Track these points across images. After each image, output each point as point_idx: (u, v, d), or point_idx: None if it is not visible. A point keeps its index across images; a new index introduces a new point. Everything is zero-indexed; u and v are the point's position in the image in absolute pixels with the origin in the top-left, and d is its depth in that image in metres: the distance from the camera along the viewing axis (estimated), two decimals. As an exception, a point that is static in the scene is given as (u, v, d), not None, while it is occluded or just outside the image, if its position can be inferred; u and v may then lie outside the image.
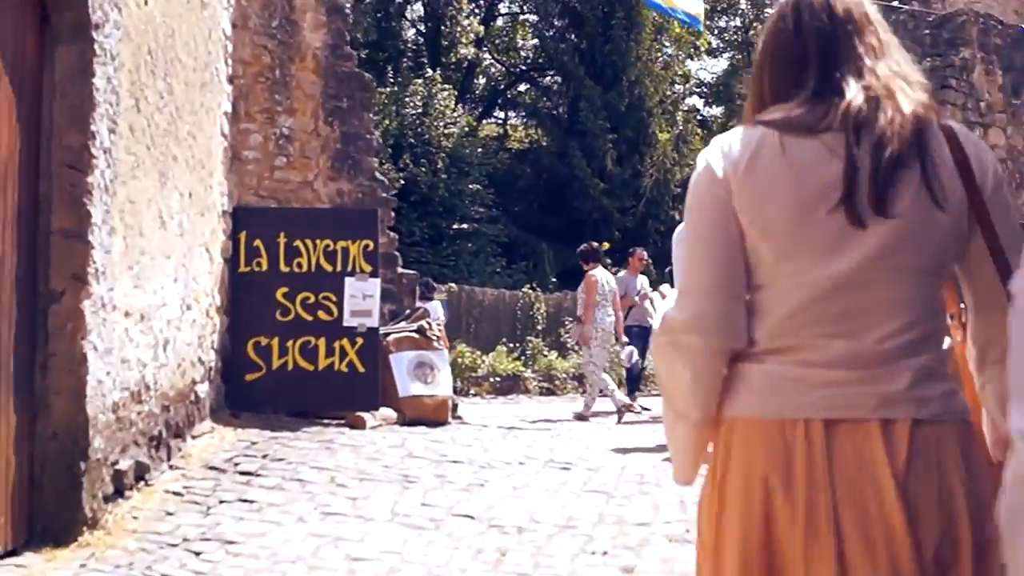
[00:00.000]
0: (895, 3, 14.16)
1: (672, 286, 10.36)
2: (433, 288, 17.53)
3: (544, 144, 35.34)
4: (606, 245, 30.01)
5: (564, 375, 20.14)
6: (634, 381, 14.38)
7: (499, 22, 41.27)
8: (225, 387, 7.95)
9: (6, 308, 4.42)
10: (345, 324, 8.24)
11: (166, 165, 6.00)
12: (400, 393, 8.47)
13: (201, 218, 7.04)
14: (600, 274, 13.08)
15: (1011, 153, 13.83)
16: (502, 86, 40.58)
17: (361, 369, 8.19)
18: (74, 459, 4.66)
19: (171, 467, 6.01)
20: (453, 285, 21.22)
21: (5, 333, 4.41)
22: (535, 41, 38.89)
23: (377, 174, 9.43)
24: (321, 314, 8.23)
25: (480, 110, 38.53)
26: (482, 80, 41.36)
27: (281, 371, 8.09)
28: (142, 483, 5.45)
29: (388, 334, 8.76)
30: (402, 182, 25.20)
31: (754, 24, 49.41)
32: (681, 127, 34.25)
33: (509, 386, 19.68)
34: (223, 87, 7.80)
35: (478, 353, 19.55)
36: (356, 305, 8.25)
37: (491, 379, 19.35)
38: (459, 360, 18.84)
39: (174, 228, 6.20)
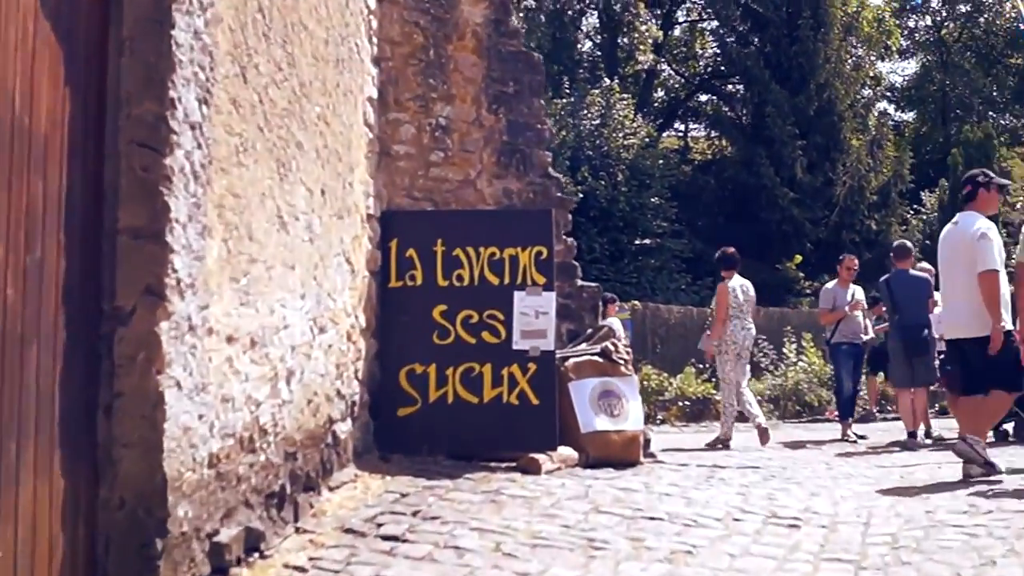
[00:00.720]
0: None
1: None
2: (614, 302, 16.15)
3: (728, 154, 33.75)
4: (799, 258, 28.51)
5: (759, 397, 18.50)
6: (847, 404, 12.91)
7: (676, 32, 39.92)
8: (374, 424, 6.72)
9: (50, 332, 3.26)
10: (515, 347, 6.92)
11: (287, 154, 4.81)
12: (582, 428, 7.08)
13: (339, 221, 5.84)
14: (735, 283, 12.36)
15: None
16: (682, 96, 39.12)
17: (535, 401, 6.87)
18: (148, 534, 3.47)
19: (298, 530, 4.81)
20: (637, 303, 19.86)
21: (48, 366, 3.26)
22: (715, 48, 37.36)
23: (551, 170, 8.15)
24: (486, 336, 6.94)
25: (660, 122, 37.14)
26: (660, 92, 40.01)
27: (440, 404, 6.83)
28: (256, 555, 4.25)
29: (566, 358, 7.40)
30: (580, 196, 24.02)
31: (946, 23, 46.70)
32: (874, 132, 32.06)
33: (699, 411, 18.21)
34: (366, 67, 6.62)
35: (665, 375, 18.19)
36: (528, 324, 6.95)
37: (679, 403, 17.93)
38: (645, 383, 17.49)
39: (300, 231, 5.01)
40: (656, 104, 39.00)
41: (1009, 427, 11.89)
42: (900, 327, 11.44)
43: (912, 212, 31.62)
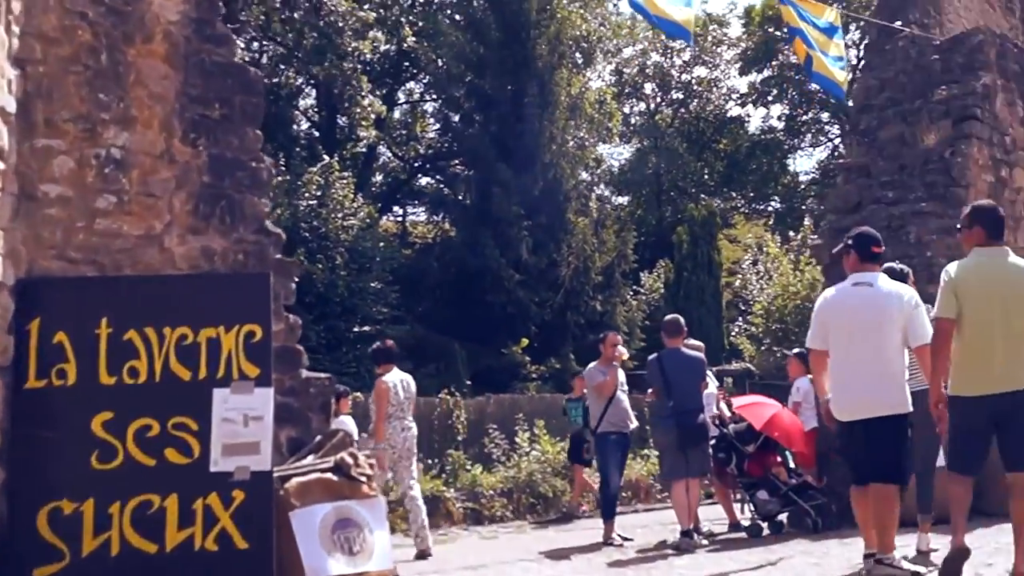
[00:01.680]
0: (897, 25, 11.76)
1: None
2: (347, 395, 14.37)
3: (452, 236, 32.58)
4: (525, 341, 27.41)
5: (491, 492, 17.09)
6: (611, 503, 11.62)
7: (397, 113, 38.71)
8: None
9: None
10: (214, 469, 4.91)
11: None
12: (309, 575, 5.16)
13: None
14: (394, 378, 11.72)
15: (1036, 198, 11.44)
16: (403, 178, 37.83)
17: (242, 544, 4.89)
18: None
19: None
20: (359, 395, 18.02)
21: None
22: (437, 129, 36.40)
23: (268, 223, 6.27)
24: (172, 454, 4.92)
25: (379, 205, 35.64)
26: (380, 176, 38.61)
27: (99, 558, 4.73)
28: None
29: (288, 477, 5.43)
30: (296, 280, 22.02)
31: (660, 109, 47.85)
32: (596, 213, 31.68)
33: (430, 510, 16.46)
34: (-8, 70, 4.60)
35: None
36: (233, 435, 4.99)
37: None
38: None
39: None
40: (375, 187, 37.54)
41: (784, 517, 11.40)
42: (674, 412, 10.38)
43: (632, 292, 31.32)
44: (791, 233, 31.89)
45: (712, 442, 11.28)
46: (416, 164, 37.29)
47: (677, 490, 10.53)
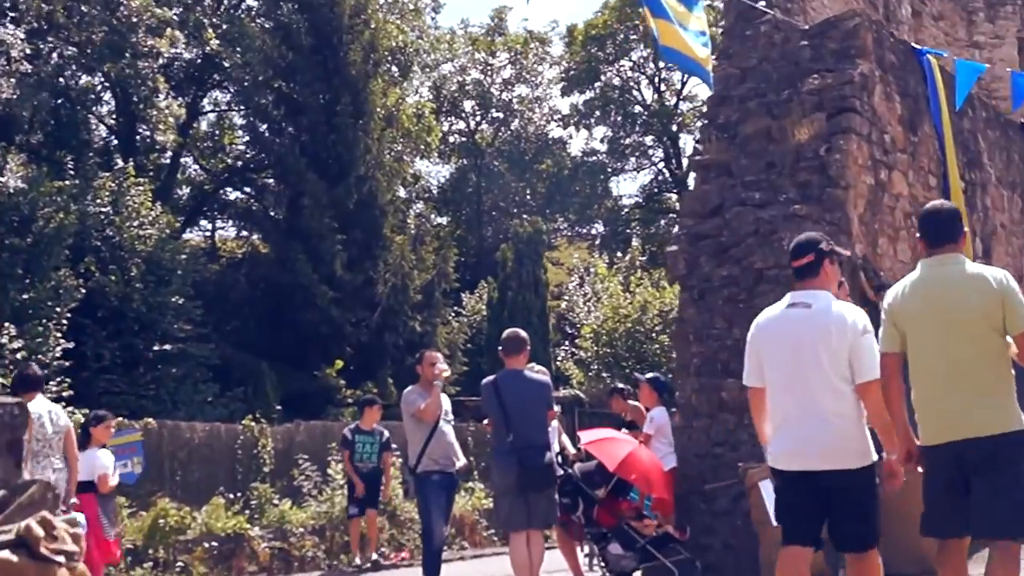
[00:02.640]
0: (760, 5, 10.63)
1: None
2: (102, 421, 11.39)
3: (261, 250, 30.67)
4: (340, 363, 25.72)
5: (301, 529, 15.48)
6: (435, 556, 9.62)
7: (204, 125, 36.54)
8: None
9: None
10: None
11: None
12: None
13: None
14: (41, 408, 8.66)
15: (914, 204, 10.43)
16: (208, 191, 35.59)
17: None
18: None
19: None
20: (152, 420, 16.15)
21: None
22: (245, 138, 34.38)
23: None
24: None
25: (183, 219, 33.36)
26: (186, 189, 36.31)
27: None
28: None
29: None
30: (83, 292, 19.97)
31: (479, 128, 46.83)
32: (415, 230, 30.31)
33: (231, 550, 14.77)
34: None
35: (187, 509, 14.67)
36: None
37: (206, 543, 14.43)
38: (162, 520, 13.95)
39: None
40: (181, 200, 35.23)
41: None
42: (513, 449, 8.66)
43: (454, 314, 30.03)
44: (619, 254, 31.29)
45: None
46: (224, 176, 35.13)
47: (516, 544, 8.75)
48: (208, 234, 37.85)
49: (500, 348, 9.25)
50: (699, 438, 9.90)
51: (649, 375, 11.15)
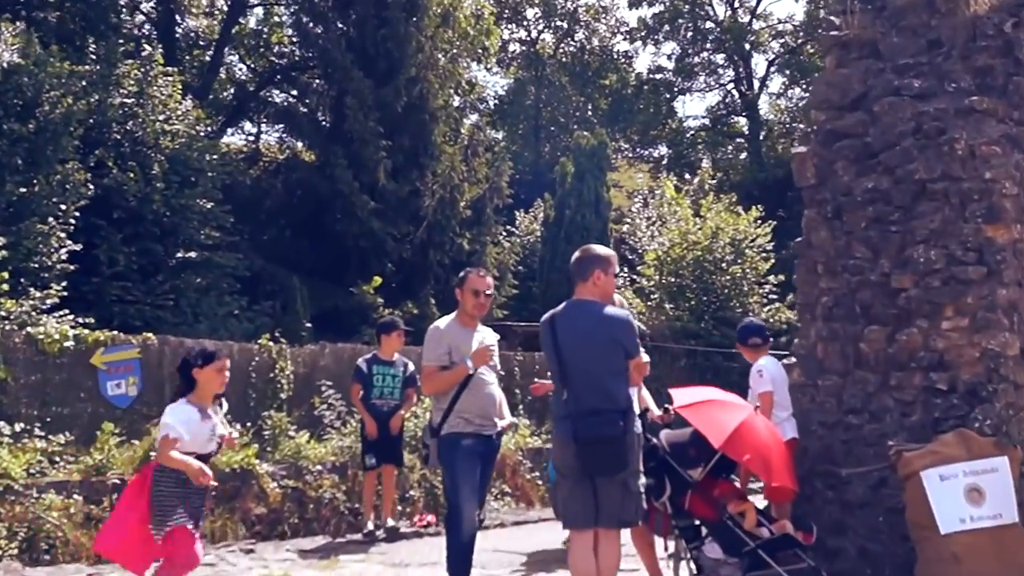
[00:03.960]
0: None
1: None
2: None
3: (302, 156, 28.49)
4: (378, 280, 23.52)
5: (319, 467, 13.36)
6: (463, 554, 7.20)
7: (252, 22, 34.31)
8: None
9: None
10: None
11: None
12: None
13: None
14: None
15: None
16: (251, 88, 33.41)
17: None
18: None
19: None
20: (151, 336, 14.04)
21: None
22: (291, 34, 32.06)
23: None
24: None
25: (222, 120, 31.34)
26: (227, 95, 34.16)
27: None
28: None
29: None
30: (97, 190, 17.92)
31: (541, 37, 44.17)
32: (467, 140, 27.92)
33: (235, 488, 12.69)
34: None
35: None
36: None
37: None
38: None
39: None
40: (222, 100, 33.18)
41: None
42: (569, 414, 6.20)
43: (505, 233, 27.73)
44: (687, 175, 28.84)
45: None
46: (268, 75, 32.88)
47: (579, 548, 6.25)
48: (252, 139, 36.01)
49: (572, 269, 6.69)
50: (826, 402, 7.44)
51: (747, 320, 8.87)
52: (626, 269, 24.36)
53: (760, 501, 7.77)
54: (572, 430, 6.12)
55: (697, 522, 7.23)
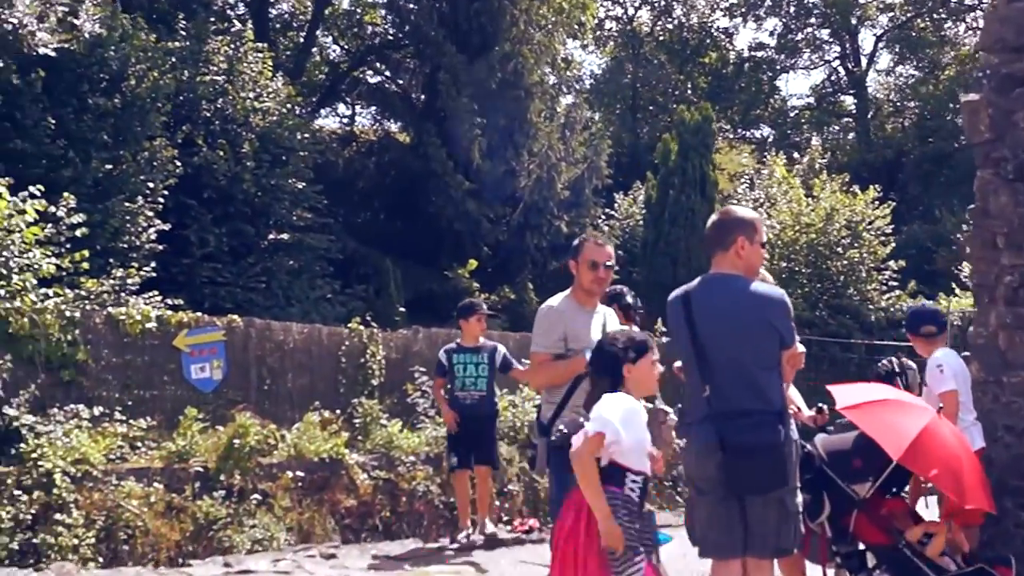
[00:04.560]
0: None
1: None
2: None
3: (395, 136, 27.88)
4: (473, 263, 22.84)
5: (412, 458, 12.60)
6: None
7: (344, 2, 33.74)
8: None
9: None
10: None
11: None
12: None
13: None
14: None
15: None
16: (343, 68, 32.90)
17: None
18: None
19: None
20: (236, 318, 13.40)
21: None
22: (383, 13, 31.46)
23: None
24: None
25: (315, 100, 30.88)
26: (320, 76, 33.71)
27: None
28: None
29: None
30: (187, 169, 17.43)
31: (638, 15, 42.99)
32: (564, 117, 27.00)
33: (324, 479, 12.00)
34: None
35: (273, 427, 11.98)
36: None
37: (291, 471, 11.70)
38: (239, 440, 11.25)
39: None
40: (315, 81, 32.71)
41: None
42: (711, 416, 4.99)
43: (604, 216, 26.77)
44: (796, 154, 27.61)
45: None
46: (360, 55, 32.31)
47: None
48: (345, 121, 35.58)
49: (705, 239, 5.47)
50: (1014, 403, 6.11)
51: (922, 302, 7.58)
52: (731, 254, 23.28)
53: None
54: (716, 435, 4.92)
55: (864, 548, 5.99)
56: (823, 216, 20.74)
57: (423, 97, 26.29)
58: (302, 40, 31.47)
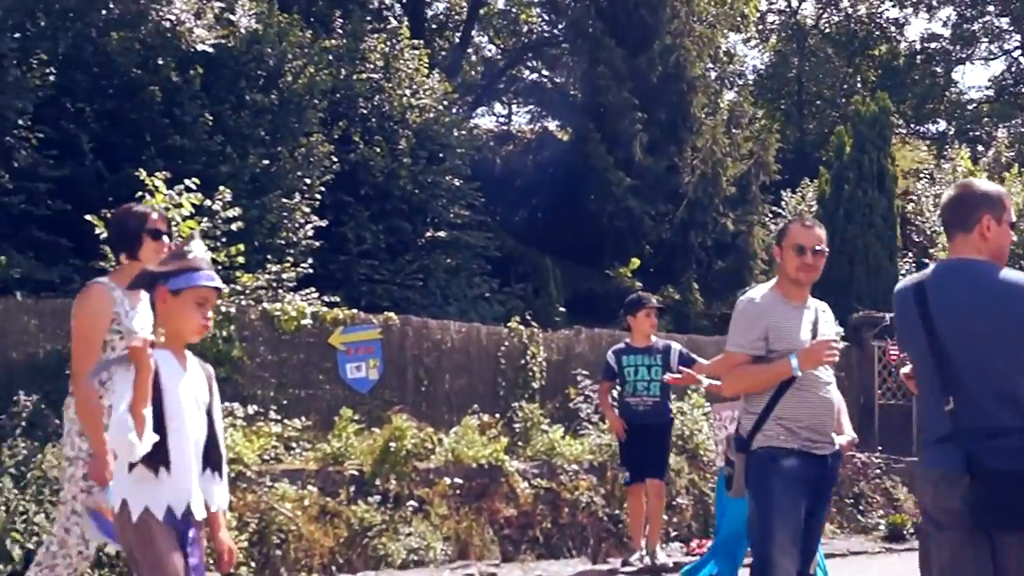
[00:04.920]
0: None
1: None
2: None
3: (553, 132, 27.40)
4: (636, 262, 22.07)
5: (575, 466, 11.91)
6: None
7: (500, 3, 33.48)
8: None
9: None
10: None
11: None
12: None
13: None
14: None
15: None
16: (501, 66, 32.60)
17: None
18: None
19: None
20: (392, 316, 12.93)
21: None
22: (539, 10, 31.04)
23: None
24: None
25: (471, 99, 30.64)
26: (477, 70, 33.50)
27: None
28: None
29: None
30: (343, 166, 17.22)
31: (802, 6, 41.56)
32: (728, 112, 26.06)
33: (483, 487, 11.40)
34: None
35: (430, 430, 11.44)
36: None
37: (448, 477, 11.13)
38: (396, 444, 10.73)
39: None
40: (471, 80, 32.50)
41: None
42: (957, 433, 3.97)
43: (771, 216, 25.70)
44: (979, 147, 26.05)
45: None
46: (517, 53, 31.95)
47: None
48: (503, 120, 35.35)
49: (942, 214, 4.46)
50: None
51: None
52: (910, 254, 22.00)
53: None
54: (964, 457, 3.96)
55: None
56: (1017, 211, 19.24)
57: (581, 93, 25.66)
58: (457, 40, 31.36)
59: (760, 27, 38.50)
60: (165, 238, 5.62)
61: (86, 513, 5.37)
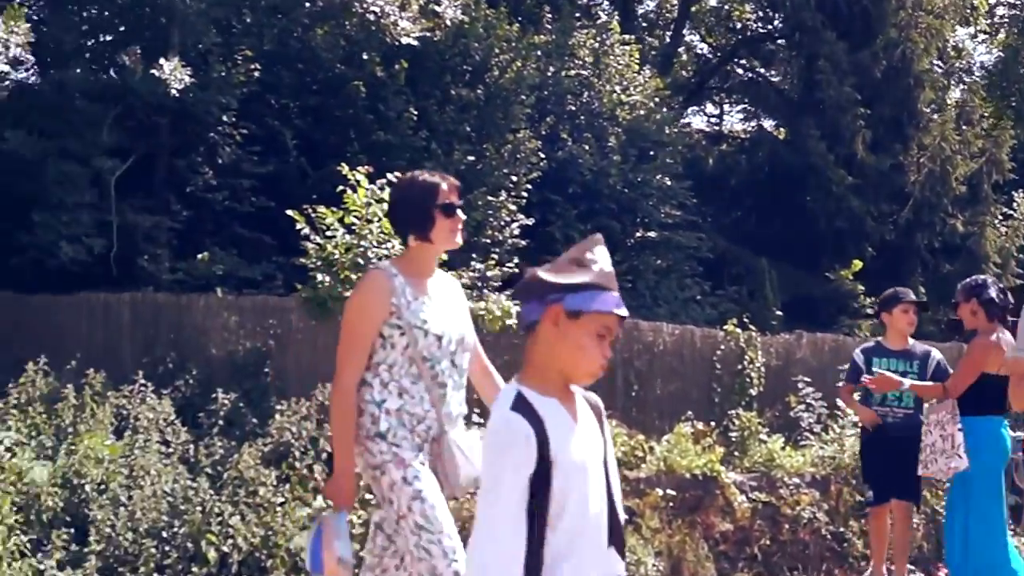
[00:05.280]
0: None
1: None
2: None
3: (768, 130, 26.42)
4: (858, 264, 20.93)
5: (796, 479, 11.02)
6: None
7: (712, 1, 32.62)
8: None
9: None
10: None
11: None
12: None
13: None
14: None
15: None
16: (713, 63, 31.75)
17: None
18: None
19: None
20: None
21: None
22: (753, 9, 30.02)
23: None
24: None
25: (682, 98, 29.83)
26: (687, 70, 32.70)
27: None
28: None
29: None
30: (551, 164, 16.83)
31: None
32: (957, 109, 24.54)
33: (697, 499, 10.67)
34: None
35: (641, 437, 10.80)
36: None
37: (660, 488, 10.44)
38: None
39: None
40: (682, 79, 31.73)
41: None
42: None
43: (1002, 217, 24.04)
44: None
45: None
46: (729, 49, 31.02)
47: None
48: (714, 119, 34.46)
49: None
50: None
51: None
52: None
53: None
54: None
55: None
56: None
57: (799, 88, 24.59)
58: (668, 39, 30.68)
59: (990, 21, 36.36)
60: (459, 212, 4.72)
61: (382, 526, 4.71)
